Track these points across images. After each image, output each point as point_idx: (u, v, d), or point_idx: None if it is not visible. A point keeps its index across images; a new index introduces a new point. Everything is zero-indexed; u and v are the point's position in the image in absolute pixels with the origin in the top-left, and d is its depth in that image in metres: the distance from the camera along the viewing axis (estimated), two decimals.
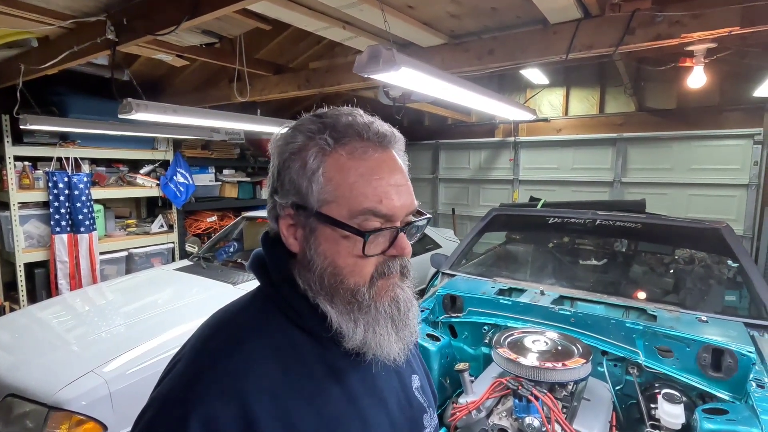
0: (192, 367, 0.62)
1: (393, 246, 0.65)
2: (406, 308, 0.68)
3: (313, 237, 0.65)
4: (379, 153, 0.65)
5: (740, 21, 1.77)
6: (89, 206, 4.00)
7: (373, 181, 0.63)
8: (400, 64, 1.38)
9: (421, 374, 0.85)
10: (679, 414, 1.54)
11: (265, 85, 3.51)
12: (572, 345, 1.80)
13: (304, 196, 0.64)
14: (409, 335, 0.69)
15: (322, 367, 0.66)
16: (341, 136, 0.64)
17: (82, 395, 2.03)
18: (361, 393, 0.68)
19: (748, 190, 4.90)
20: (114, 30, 2.02)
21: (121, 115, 2.33)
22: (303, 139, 0.65)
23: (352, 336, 0.64)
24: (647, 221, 2.61)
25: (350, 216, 0.62)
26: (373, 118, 0.68)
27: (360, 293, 0.64)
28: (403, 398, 0.76)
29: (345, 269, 0.64)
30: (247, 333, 0.65)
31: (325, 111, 0.69)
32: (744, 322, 1.95)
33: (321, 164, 0.63)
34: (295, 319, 0.66)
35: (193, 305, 2.91)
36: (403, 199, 0.66)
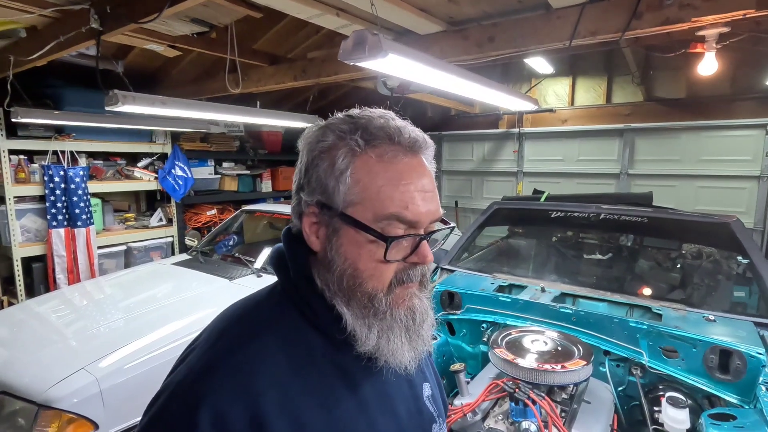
0: (205, 359, 0.62)
1: (415, 253, 0.65)
2: (422, 319, 0.68)
3: (335, 237, 0.65)
4: (408, 158, 0.65)
5: (756, 3, 1.66)
6: (86, 200, 3.96)
7: (401, 186, 0.63)
8: (387, 51, 1.29)
9: (433, 383, 0.85)
10: (684, 420, 1.48)
11: (261, 76, 3.43)
12: (573, 345, 1.73)
13: (330, 196, 0.64)
14: (422, 345, 0.69)
15: (333, 368, 0.66)
16: (372, 138, 0.64)
17: (72, 393, 2.00)
18: (371, 398, 0.68)
19: (759, 181, 4.76)
20: (98, 18, 1.96)
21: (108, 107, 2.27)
22: (334, 138, 0.65)
23: (365, 340, 0.64)
24: (654, 215, 2.51)
25: (375, 219, 0.62)
26: (405, 123, 0.68)
27: (377, 299, 0.64)
28: (413, 406, 0.76)
29: (365, 272, 0.64)
30: (262, 328, 0.65)
31: (358, 112, 0.68)
32: (754, 322, 1.87)
33: (350, 165, 0.63)
34: (310, 317, 0.66)
35: (190, 300, 2.88)
36: (429, 205, 0.65)
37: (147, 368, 2.21)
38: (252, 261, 3.35)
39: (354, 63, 1.38)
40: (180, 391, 0.60)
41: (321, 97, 5.55)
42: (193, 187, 4.92)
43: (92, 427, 2.03)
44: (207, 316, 2.58)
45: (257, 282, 3.10)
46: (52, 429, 1.97)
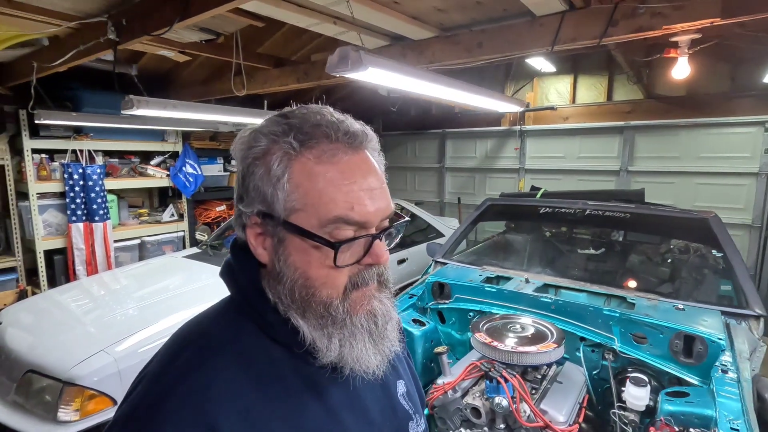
0: (157, 386, 0.58)
1: (368, 254, 0.62)
2: (384, 321, 0.65)
3: (282, 247, 0.61)
4: (349, 155, 0.61)
5: (721, 12, 1.77)
6: (103, 196, 4.20)
7: (344, 187, 0.59)
8: (367, 65, 1.45)
9: (408, 379, 0.82)
10: (643, 396, 1.61)
11: (266, 79, 3.60)
12: (547, 330, 1.88)
13: (270, 205, 0.60)
14: (389, 347, 0.66)
15: (298, 380, 0.62)
16: (308, 139, 0.60)
17: (93, 372, 2.20)
18: (342, 405, 0.65)
19: (757, 178, 4.80)
20: (114, 30, 2.14)
21: (124, 111, 2.46)
22: (266, 143, 0.61)
23: (326, 351, 0.61)
24: (636, 211, 2.63)
25: (320, 225, 0.59)
26: (343, 117, 0.64)
27: (333, 306, 0.61)
28: (387, 407, 0.73)
29: (317, 281, 0.61)
30: (216, 348, 0.61)
31: (292, 110, 0.64)
32: (721, 311, 1.99)
33: (286, 170, 0.59)
34: (267, 331, 0.63)
35: (200, 290, 3.07)
36: (378, 203, 0.62)
37: None
38: None
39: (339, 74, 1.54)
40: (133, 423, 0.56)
41: (326, 97, 5.71)
42: (203, 184, 5.13)
43: (111, 402, 2.23)
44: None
45: None
46: (76, 403, 2.18)
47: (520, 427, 1.59)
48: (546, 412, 1.60)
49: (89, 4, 2.13)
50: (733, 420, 1.34)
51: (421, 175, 7.38)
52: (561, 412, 1.62)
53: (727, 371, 1.59)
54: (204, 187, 5.20)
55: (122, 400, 0.61)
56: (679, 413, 1.46)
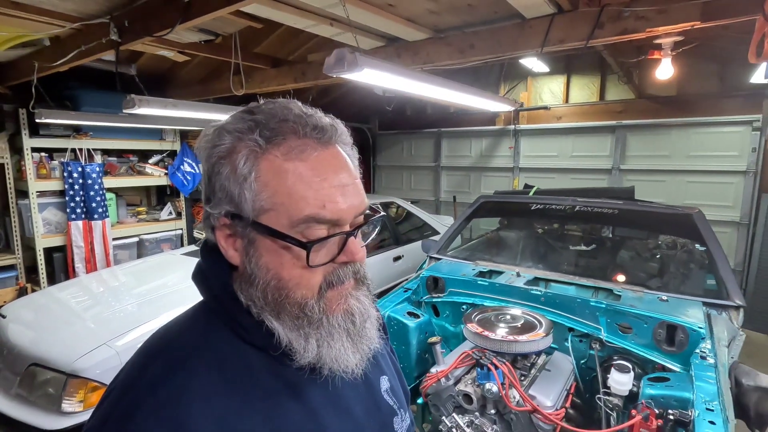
0: (127, 399, 0.55)
1: (342, 252, 0.60)
2: (362, 319, 0.63)
3: (252, 249, 0.59)
4: (319, 151, 0.59)
5: (701, 16, 1.85)
6: (102, 194, 4.24)
7: (314, 184, 0.57)
8: (362, 66, 1.52)
9: (391, 374, 0.81)
10: (626, 382, 1.69)
11: (264, 78, 3.66)
12: (536, 321, 1.95)
13: (238, 205, 0.58)
14: (368, 345, 0.65)
15: (277, 383, 0.61)
16: (274, 135, 0.58)
17: (96, 364, 2.25)
18: (323, 405, 0.64)
19: (745, 176, 4.91)
20: (117, 31, 2.20)
21: (126, 110, 2.52)
22: (231, 140, 0.59)
23: (304, 353, 0.60)
24: (623, 207, 2.71)
25: (291, 225, 0.57)
26: (312, 111, 0.62)
27: (308, 307, 0.59)
28: (370, 403, 0.72)
29: (290, 282, 0.59)
30: (188, 355, 0.58)
31: (258, 105, 0.62)
32: (703, 302, 2.08)
33: (253, 168, 0.57)
34: (242, 334, 0.61)
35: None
36: (350, 200, 0.60)
37: None
38: None
39: (335, 75, 1.61)
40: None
41: (321, 95, 5.77)
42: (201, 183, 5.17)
43: None
44: None
45: None
46: (79, 395, 2.23)
47: (510, 411, 1.66)
48: (534, 398, 1.68)
49: (92, 5, 2.19)
50: (708, 401, 1.42)
51: (416, 174, 7.46)
52: (548, 398, 1.70)
53: (705, 357, 1.67)
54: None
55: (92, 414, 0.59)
56: (659, 396, 1.54)
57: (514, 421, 1.69)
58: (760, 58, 1.77)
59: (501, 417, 1.73)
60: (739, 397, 1.70)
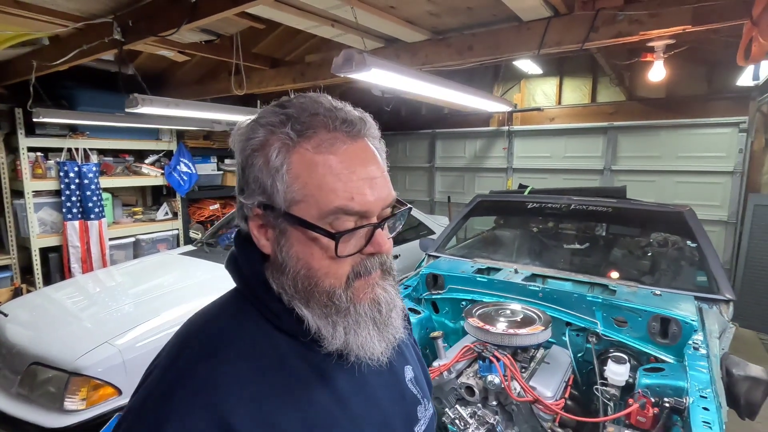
0: (166, 378, 0.58)
1: (370, 243, 0.62)
2: (389, 309, 0.65)
3: (284, 239, 0.61)
4: (348, 144, 0.61)
5: (692, 20, 1.93)
6: (98, 194, 4.22)
7: (343, 176, 0.59)
8: (370, 66, 1.56)
9: (415, 364, 0.83)
10: (623, 372, 1.75)
11: (262, 79, 3.68)
12: (535, 315, 2.01)
13: (270, 196, 0.60)
14: (393, 334, 0.66)
15: (306, 369, 0.63)
16: (305, 128, 0.60)
17: (99, 362, 2.26)
18: (350, 392, 0.66)
19: (732, 177, 5.04)
20: (120, 31, 2.21)
21: (128, 109, 2.53)
22: (264, 134, 0.61)
23: (331, 339, 0.62)
24: (617, 205, 2.79)
25: (320, 216, 0.59)
26: (341, 105, 0.64)
27: (336, 295, 0.61)
28: (395, 392, 0.74)
29: (319, 271, 0.61)
30: (224, 338, 0.61)
31: (290, 99, 0.64)
32: (695, 296, 2.15)
33: (285, 160, 0.59)
34: (273, 321, 0.64)
35: (198, 285, 3.12)
36: (378, 192, 0.61)
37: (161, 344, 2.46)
38: None
39: (343, 75, 1.64)
40: (143, 415, 0.57)
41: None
42: (197, 183, 5.18)
43: (117, 392, 2.29)
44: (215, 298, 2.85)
45: None
46: (82, 393, 2.24)
47: (512, 402, 1.71)
48: (535, 388, 1.73)
49: (95, 5, 2.20)
50: (702, 389, 1.48)
51: (411, 175, 7.51)
52: (549, 389, 1.75)
53: (698, 348, 1.74)
54: (198, 186, 5.24)
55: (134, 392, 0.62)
56: (655, 385, 1.60)
57: (515, 411, 1.74)
58: (748, 61, 1.85)
59: (503, 408, 1.77)
60: (730, 387, 1.77)
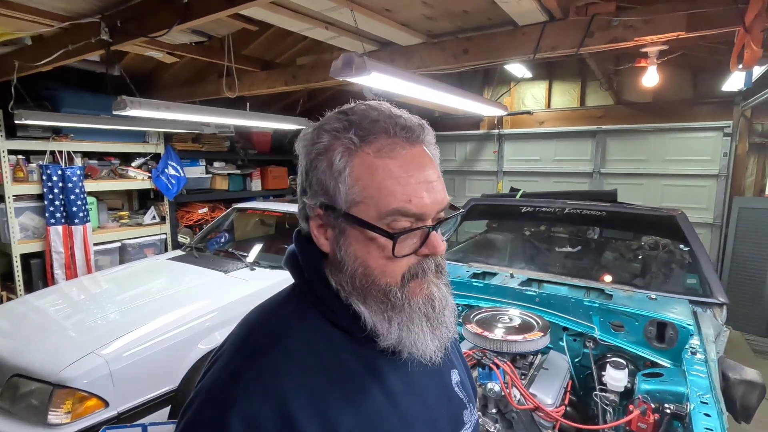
0: (232, 364, 0.63)
1: (425, 245, 0.64)
2: (442, 306, 0.67)
3: (343, 238, 0.64)
4: (407, 149, 0.64)
5: (686, 26, 1.95)
6: (82, 198, 4.11)
7: (402, 180, 0.62)
8: (370, 70, 1.53)
9: (461, 368, 0.85)
10: (622, 378, 1.75)
11: (253, 81, 3.63)
12: (533, 321, 1.99)
13: (332, 197, 0.64)
14: (446, 333, 0.68)
15: (359, 364, 0.65)
16: (367, 134, 0.63)
17: (84, 374, 2.18)
18: (400, 390, 0.68)
19: (717, 180, 5.14)
20: (108, 31, 2.14)
21: (116, 111, 2.45)
22: (329, 139, 0.64)
23: (387, 335, 0.64)
24: (611, 209, 2.81)
25: (379, 217, 0.62)
26: (400, 112, 0.67)
27: (392, 293, 0.64)
28: (442, 394, 0.76)
29: (376, 270, 0.63)
30: (285, 330, 0.65)
31: (352, 106, 0.67)
32: (689, 299, 2.17)
33: (348, 164, 0.63)
34: (330, 317, 0.67)
35: (187, 292, 3.05)
36: (434, 195, 0.64)
37: (149, 353, 2.40)
38: (245, 255, 3.54)
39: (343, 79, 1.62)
40: (210, 398, 0.60)
41: (310, 98, 5.75)
42: (186, 186, 5.08)
43: (103, 404, 2.22)
44: (206, 305, 2.79)
45: (251, 275, 3.29)
46: (67, 406, 2.15)
47: (512, 410, 1.69)
48: (535, 396, 1.71)
49: (82, 4, 2.13)
50: (702, 395, 1.48)
51: None
52: (549, 396, 1.73)
53: (695, 353, 1.74)
54: (186, 189, 5.15)
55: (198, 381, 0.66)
56: (655, 391, 1.60)
57: (515, 419, 1.72)
58: (740, 67, 1.87)
59: (502, 416, 1.75)
60: (726, 391, 1.78)
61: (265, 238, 4.23)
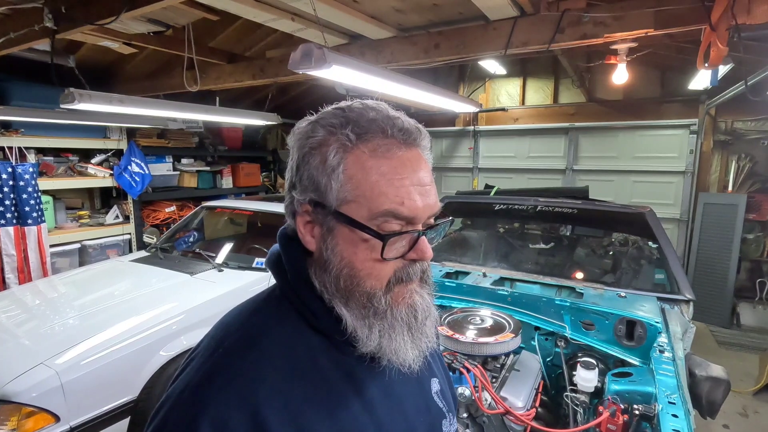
0: (205, 368, 0.60)
1: (413, 250, 0.63)
2: (424, 316, 0.65)
3: (330, 236, 0.63)
4: (403, 151, 0.62)
5: (654, 24, 1.94)
6: (36, 197, 3.86)
7: (396, 181, 0.61)
8: (331, 63, 1.45)
9: (442, 378, 0.83)
10: (592, 378, 1.73)
11: (219, 74, 3.48)
12: (504, 321, 1.96)
13: (322, 194, 0.62)
14: (426, 342, 0.67)
15: (337, 371, 0.64)
16: (364, 132, 0.61)
17: (32, 387, 2.04)
18: (378, 399, 0.66)
19: (684, 176, 5.28)
20: (52, 18, 1.98)
21: (63, 105, 2.28)
22: (324, 134, 0.63)
23: (366, 341, 0.62)
24: (582, 206, 2.81)
25: (370, 217, 0.60)
26: (398, 113, 0.65)
27: (376, 298, 0.62)
28: (421, 403, 0.75)
29: (362, 272, 0.62)
30: (260, 335, 0.63)
31: (350, 104, 0.66)
32: (657, 297, 2.18)
33: (342, 161, 0.61)
34: (311, 320, 0.65)
35: (151, 295, 2.91)
36: (427, 200, 0.63)
37: (107, 362, 2.27)
38: (213, 256, 3.41)
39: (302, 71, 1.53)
40: (180, 402, 0.58)
41: (280, 94, 5.60)
42: (151, 184, 4.87)
43: (53, 419, 2.07)
44: (169, 310, 2.66)
45: (219, 276, 3.17)
46: (12, 423, 2.00)
47: (482, 414, 1.65)
48: (506, 399, 1.68)
49: None
50: (670, 394, 1.48)
51: None
52: (519, 398, 1.70)
53: (663, 351, 1.75)
54: (152, 187, 4.93)
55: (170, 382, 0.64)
56: (624, 392, 1.59)
57: (486, 423, 1.68)
58: (707, 65, 1.88)
59: (473, 420, 1.71)
60: (693, 387, 1.79)
61: (236, 238, 4.09)
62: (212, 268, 3.27)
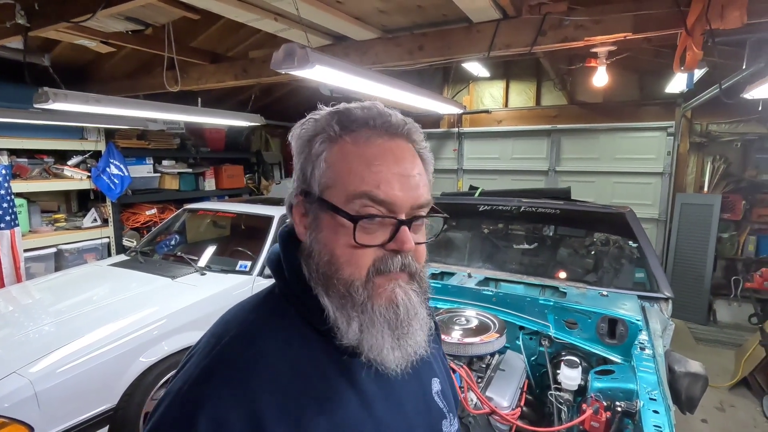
0: (203, 365, 0.60)
1: (393, 240, 0.61)
2: (407, 314, 0.62)
3: (315, 224, 0.64)
4: (384, 140, 0.63)
5: (632, 28, 1.99)
6: (9, 200, 3.73)
7: (374, 167, 0.61)
8: (314, 63, 1.44)
9: (443, 378, 0.82)
10: (575, 377, 1.75)
11: (201, 75, 3.42)
12: (489, 321, 1.97)
13: (308, 182, 0.64)
14: (412, 344, 0.64)
15: (335, 369, 0.64)
16: (349, 124, 0.63)
17: (3, 397, 1.97)
18: (376, 397, 0.66)
19: (662, 177, 5.41)
20: (24, 15, 1.91)
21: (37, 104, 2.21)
22: (314, 128, 0.65)
23: (346, 332, 0.61)
24: (564, 207, 2.85)
25: (347, 200, 0.60)
26: (390, 111, 0.66)
27: (354, 287, 0.61)
28: (421, 403, 0.74)
29: (341, 258, 0.61)
30: (259, 333, 0.63)
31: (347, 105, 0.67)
32: (638, 295, 2.23)
33: (325, 150, 0.63)
34: (308, 317, 0.65)
35: (131, 300, 2.84)
36: (409, 190, 0.62)
37: (84, 369, 2.20)
38: (195, 259, 3.34)
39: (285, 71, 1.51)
40: (178, 400, 0.58)
41: (264, 95, 5.55)
42: (131, 186, 4.75)
43: (27, 430, 2.00)
44: (149, 315, 2.60)
45: (201, 280, 3.11)
46: None
47: (468, 414, 1.65)
48: (491, 399, 1.68)
49: None
50: (650, 391, 1.51)
51: None
52: (505, 398, 1.71)
53: (644, 348, 1.78)
54: (131, 190, 4.82)
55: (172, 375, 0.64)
56: (607, 389, 1.61)
57: (472, 424, 1.68)
58: (683, 69, 1.92)
59: (459, 420, 1.72)
60: (672, 383, 1.83)
61: (219, 241, 4.02)
62: (194, 271, 3.21)
